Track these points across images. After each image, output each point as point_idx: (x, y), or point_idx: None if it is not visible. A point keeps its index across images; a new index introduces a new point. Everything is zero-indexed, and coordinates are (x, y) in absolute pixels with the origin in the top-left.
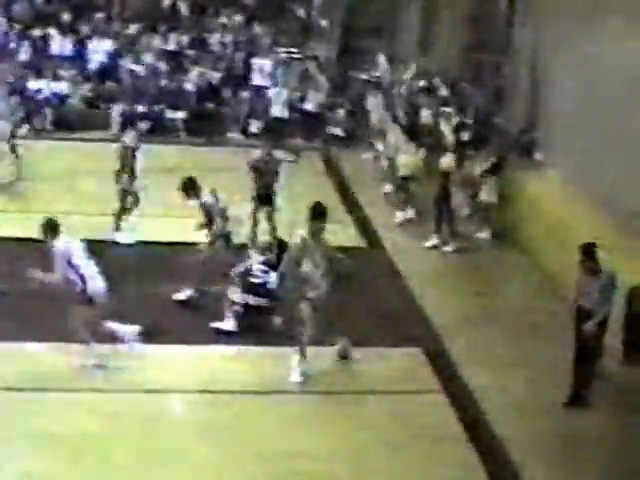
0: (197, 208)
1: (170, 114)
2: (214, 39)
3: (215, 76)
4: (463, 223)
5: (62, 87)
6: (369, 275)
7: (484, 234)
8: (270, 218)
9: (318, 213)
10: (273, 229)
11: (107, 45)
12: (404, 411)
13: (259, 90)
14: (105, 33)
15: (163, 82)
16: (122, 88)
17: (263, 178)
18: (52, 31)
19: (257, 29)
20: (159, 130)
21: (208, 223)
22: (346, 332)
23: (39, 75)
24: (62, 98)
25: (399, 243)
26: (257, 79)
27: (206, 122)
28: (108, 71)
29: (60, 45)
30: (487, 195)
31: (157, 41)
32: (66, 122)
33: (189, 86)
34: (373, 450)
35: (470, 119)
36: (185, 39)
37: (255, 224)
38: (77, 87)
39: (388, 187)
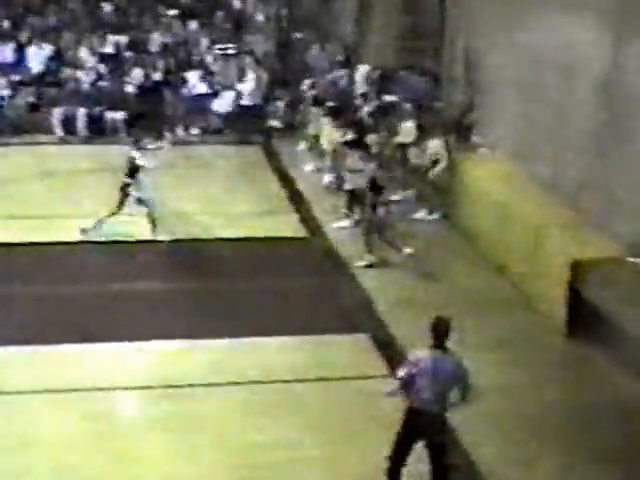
0: None
1: (110, 115)
2: (152, 39)
3: (154, 76)
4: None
5: (1, 93)
6: (312, 263)
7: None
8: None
9: None
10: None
11: (47, 50)
12: (355, 398)
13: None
14: (44, 38)
15: (103, 84)
16: (63, 91)
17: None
18: None
19: (193, 26)
20: (100, 131)
21: None
22: (291, 321)
23: None
24: (2, 104)
25: (339, 231)
26: (196, 88)
27: (147, 122)
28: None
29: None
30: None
31: (95, 43)
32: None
33: (129, 87)
34: (327, 436)
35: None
36: (123, 40)
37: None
38: (18, 92)
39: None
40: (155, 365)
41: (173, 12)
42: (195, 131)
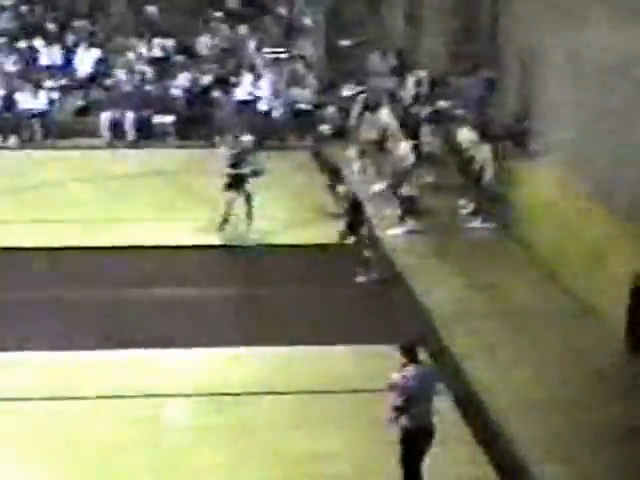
0: None
1: (158, 119)
2: (200, 43)
3: (203, 80)
4: None
5: (51, 96)
6: (363, 272)
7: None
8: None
9: None
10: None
11: (94, 53)
12: None
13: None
14: (91, 41)
15: (151, 87)
16: (111, 95)
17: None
18: (38, 42)
19: (242, 30)
20: (147, 135)
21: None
22: (342, 329)
23: (27, 86)
24: (50, 108)
25: (393, 238)
26: (243, 93)
27: (195, 126)
28: (96, 79)
29: (48, 55)
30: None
31: (143, 47)
32: (55, 131)
33: (176, 91)
34: (378, 450)
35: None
36: (170, 44)
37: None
38: (66, 96)
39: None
40: (206, 372)
41: (221, 15)
42: (246, 137)
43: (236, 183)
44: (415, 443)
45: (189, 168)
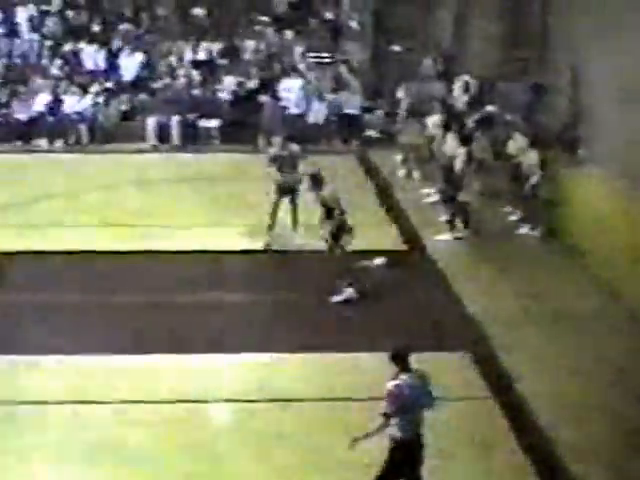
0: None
1: (204, 123)
2: (246, 47)
3: (249, 84)
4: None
5: (96, 100)
6: (411, 277)
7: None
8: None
9: None
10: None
11: (139, 57)
12: (453, 417)
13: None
14: (137, 45)
15: (196, 91)
16: (156, 99)
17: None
18: (83, 45)
19: (288, 34)
20: (193, 139)
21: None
22: (390, 336)
23: (73, 90)
24: (96, 112)
25: (441, 245)
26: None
27: (241, 130)
28: (141, 83)
29: (93, 59)
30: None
31: (188, 51)
32: (101, 135)
33: (222, 95)
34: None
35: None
36: (216, 48)
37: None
38: (111, 100)
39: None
40: (251, 377)
41: (267, 19)
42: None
43: (282, 188)
44: (401, 457)
45: (235, 172)
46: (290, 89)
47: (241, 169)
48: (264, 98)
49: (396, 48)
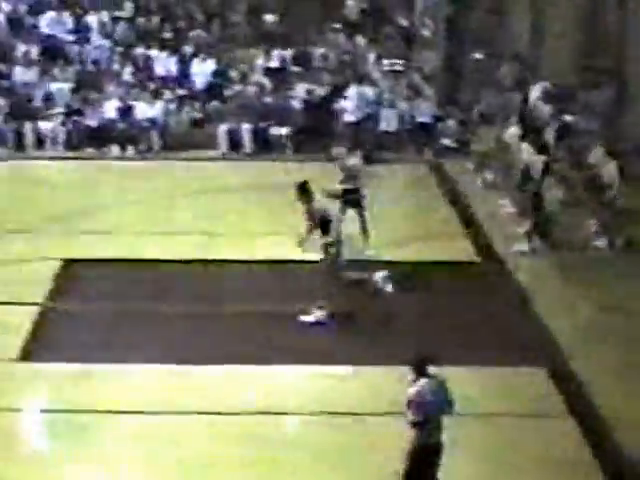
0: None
1: (275, 130)
2: (318, 53)
3: (321, 91)
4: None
5: (167, 107)
6: (486, 290)
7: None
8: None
9: None
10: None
11: (211, 64)
12: (529, 435)
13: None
14: (208, 52)
15: (268, 99)
16: (227, 106)
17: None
18: (155, 51)
19: (360, 40)
20: (264, 147)
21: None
22: (465, 351)
23: (144, 96)
24: (167, 118)
25: (517, 256)
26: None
27: (313, 138)
28: (213, 90)
29: (164, 65)
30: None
31: (260, 57)
32: (172, 142)
33: (294, 102)
34: (498, 475)
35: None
36: (288, 54)
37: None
38: (182, 107)
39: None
40: (319, 390)
41: (339, 26)
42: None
43: (348, 197)
44: (424, 462)
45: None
46: (350, 96)
47: (311, 178)
48: (338, 105)
49: (477, 56)
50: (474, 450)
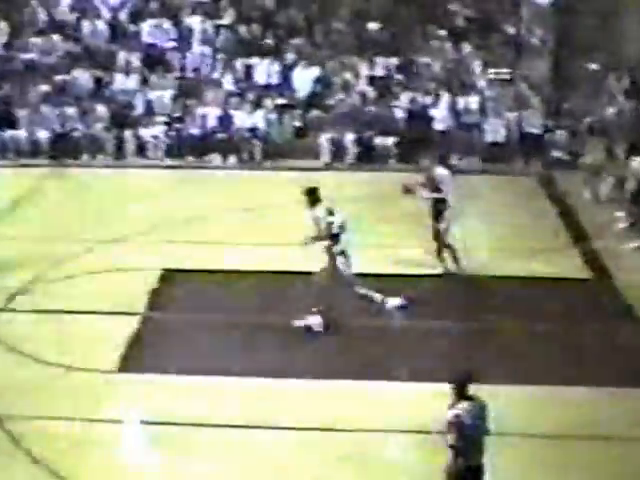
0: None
1: (379, 140)
2: (423, 61)
3: (426, 100)
4: None
5: (268, 116)
6: (598, 308)
7: None
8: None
9: None
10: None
11: (313, 72)
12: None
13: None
14: (310, 60)
15: (372, 108)
16: (330, 115)
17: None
18: (256, 59)
19: (466, 48)
20: (368, 157)
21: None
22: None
23: (245, 105)
24: (268, 127)
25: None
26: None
27: (418, 148)
28: (315, 98)
29: (265, 73)
30: None
31: (363, 65)
32: (273, 152)
33: (398, 111)
34: None
35: None
36: (392, 62)
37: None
38: (284, 116)
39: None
40: (412, 408)
41: (444, 34)
42: (467, 159)
43: (437, 208)
44: None
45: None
46: (442, 105)
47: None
48: (440, 115)
49: (592, 66)
50: (584, 475)
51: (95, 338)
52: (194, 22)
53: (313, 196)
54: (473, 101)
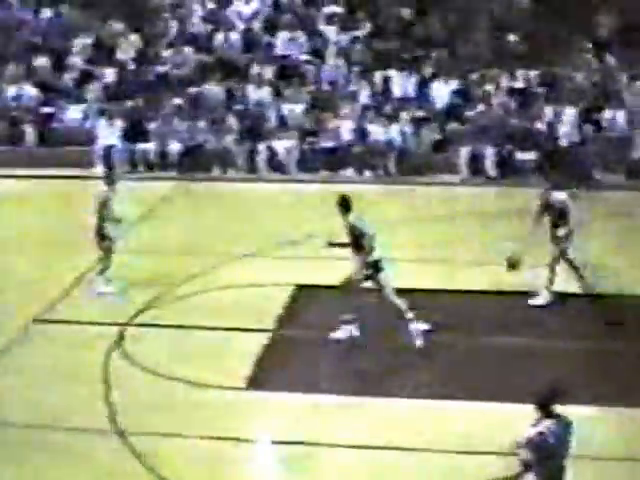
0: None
1: (520, 155)
2: (566, 74)
3: (569, 113)
4: None
5: (405, 129)
6: None
7: None
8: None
9: None
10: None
11: (452, 84)
12: None
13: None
14: (449, 72)
15: (513, 121)
16: (469, 129)
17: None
18: (393, 72)
19: (611, 61)
20: (509, 172)
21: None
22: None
23: (380, 118)
24: (404, 141)
25: None
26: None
27: (560, 164)
28: (454, 111)
29: (402, 86)
30: None
31: (504, 78)
32: (410, 166)
33: (540, 125)
34: None
35: None
36: (534, 74)
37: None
38: (421, 129)
39: None
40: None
41: (588, 45)
42: (614, 175)
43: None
44: None
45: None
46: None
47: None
48: (586, 130)
49: None
50: None
51: (224, 354)
52: (329, 32)
53: (345, 204)
54: (619, 115)
